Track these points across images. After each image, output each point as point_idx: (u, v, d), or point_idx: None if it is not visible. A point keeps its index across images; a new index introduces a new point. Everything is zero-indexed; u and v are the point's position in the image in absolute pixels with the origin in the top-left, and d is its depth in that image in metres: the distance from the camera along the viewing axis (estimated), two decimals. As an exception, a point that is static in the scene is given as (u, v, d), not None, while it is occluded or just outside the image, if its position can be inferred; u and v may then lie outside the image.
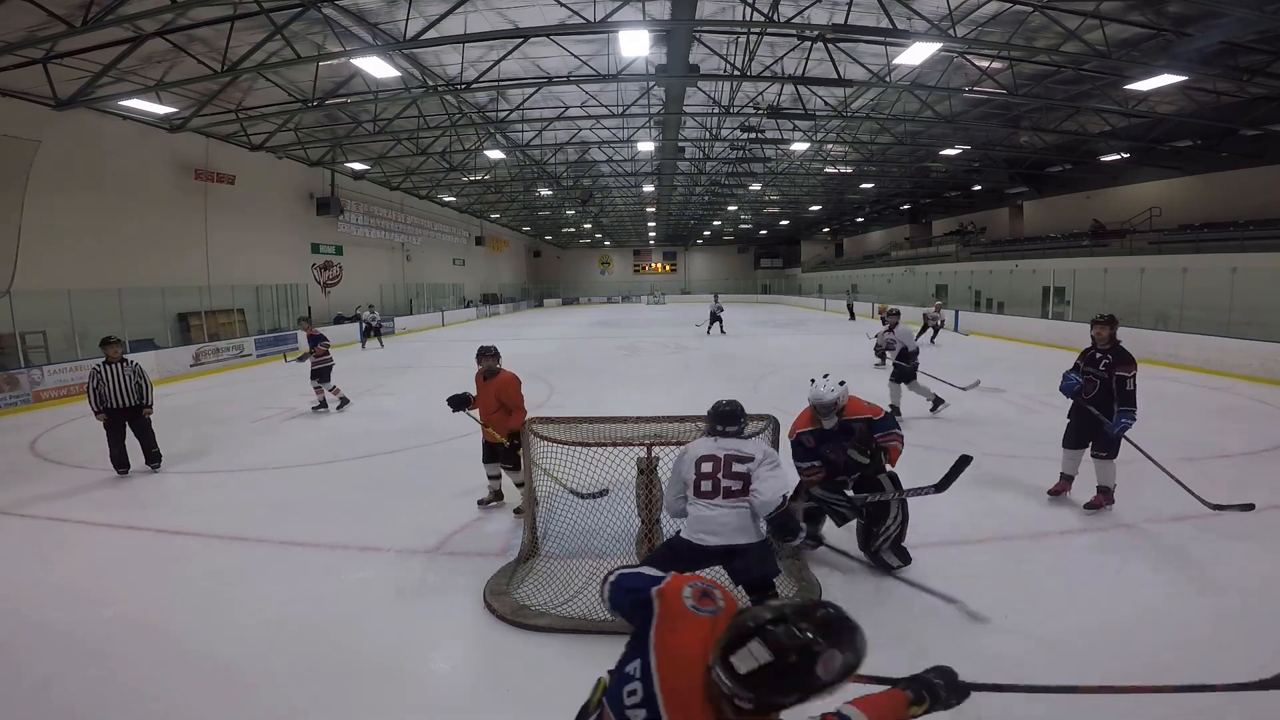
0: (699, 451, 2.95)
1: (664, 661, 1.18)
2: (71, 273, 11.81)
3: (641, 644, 1.21)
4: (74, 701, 2.75)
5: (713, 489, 2.84)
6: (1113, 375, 4.58)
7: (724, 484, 2.84)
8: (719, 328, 20.44)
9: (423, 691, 2.80)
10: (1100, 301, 15.43)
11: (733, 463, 2.87)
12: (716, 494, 2.83)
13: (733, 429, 3.01)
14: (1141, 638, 3.04)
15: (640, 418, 3.65)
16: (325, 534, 4.50)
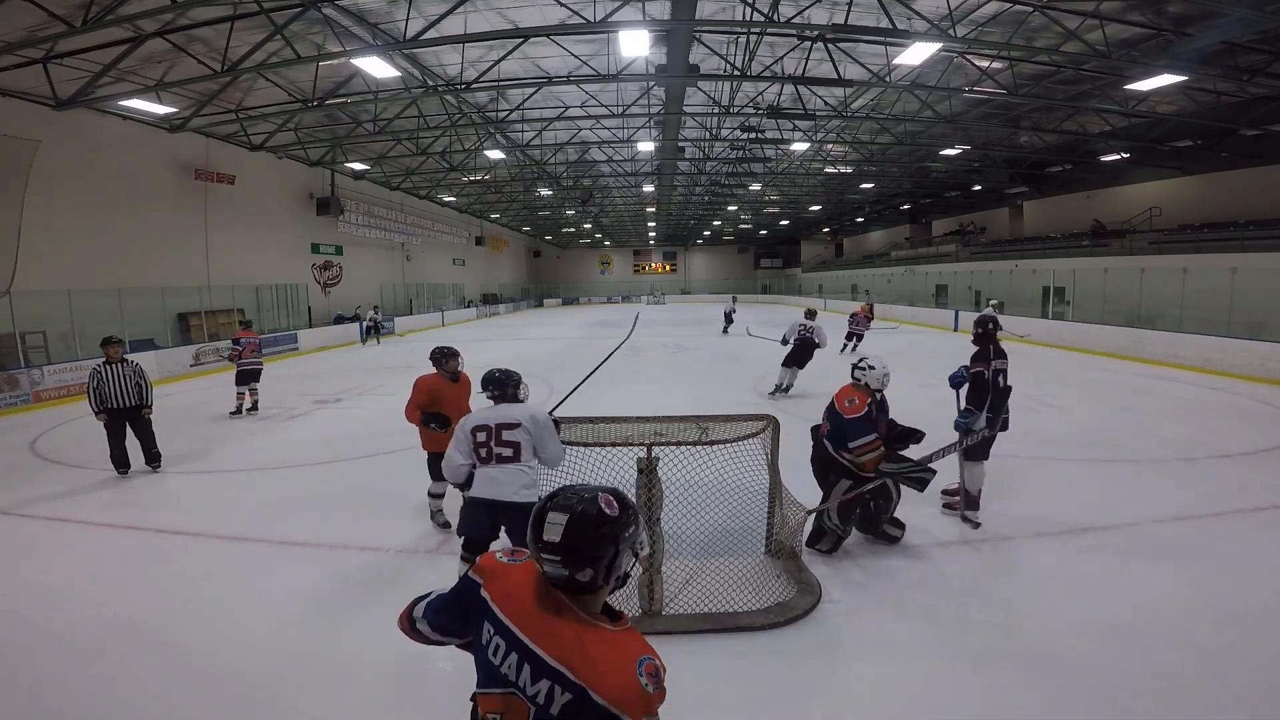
0: (473, 422, 3.21)
1: (504, 600, 1.31)
2: (71, 273, 11.81)
3: (481, 610, 1.33)
4: (73, 702, 2.75)
5: (487, 455, 3.14)
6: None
7: (496, 450, 3.13)
8: (726, 327, 20.73)
9: (423, 691, 2.80)
10: (1100, 301, 15.47)
11: (502, 430, 3.15)
12: (491, 460, 3.13)
13: (496, 393, 3.33)
14: (1141, 638, 3.04)
15: (640, 418, 3.65)
16: (325, 534, 4.50)
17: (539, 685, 1.22)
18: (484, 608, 1.33)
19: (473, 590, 1.38)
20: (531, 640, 1.25)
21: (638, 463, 3.28)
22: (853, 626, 3.21)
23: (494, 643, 1.29)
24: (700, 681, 2.80)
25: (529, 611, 1.28)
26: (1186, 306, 13.00)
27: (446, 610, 1.46)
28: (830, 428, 3.95)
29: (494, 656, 1.28)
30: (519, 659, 1.25)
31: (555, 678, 1.21)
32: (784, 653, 2.98)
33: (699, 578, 3.52)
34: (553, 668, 1.21)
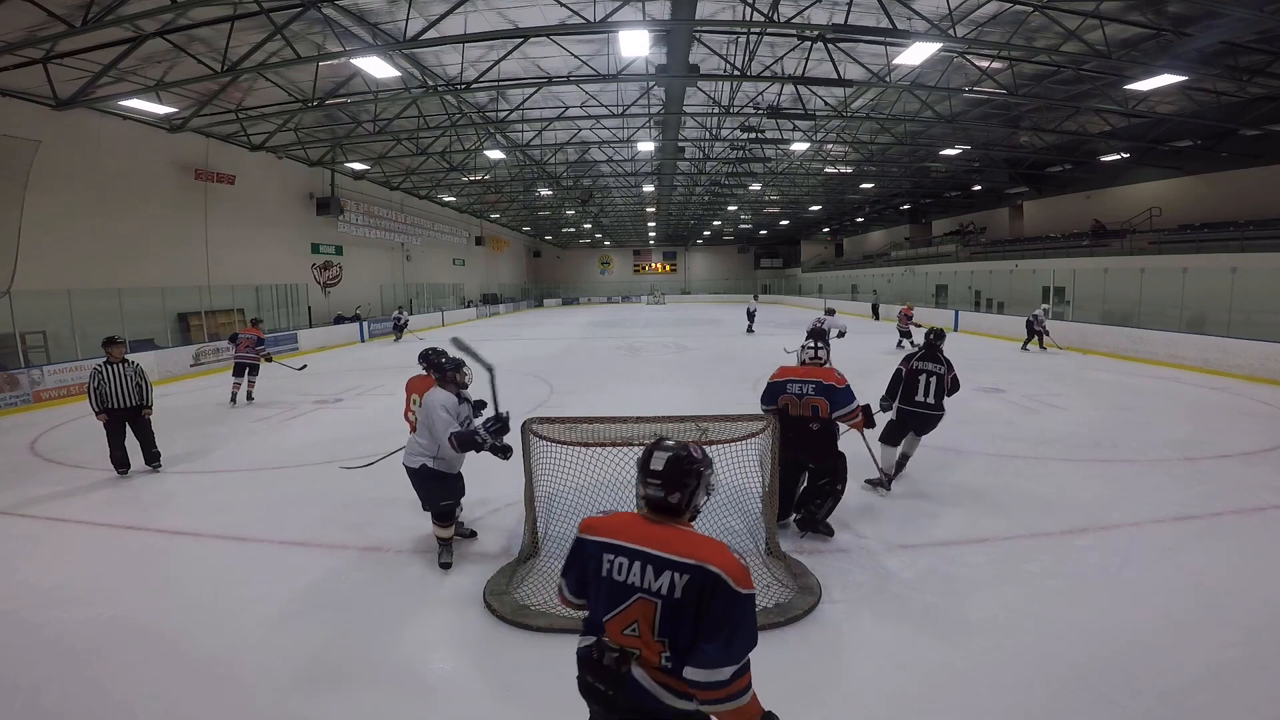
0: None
1: (615, 533, 1.67)
2: (71, 273, 11.81)
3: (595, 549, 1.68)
4: (72, 702, 2.75)
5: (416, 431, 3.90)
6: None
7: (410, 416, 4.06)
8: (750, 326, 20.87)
9: (423, 691, 2.80)
10: (1100, 301, 15.47)
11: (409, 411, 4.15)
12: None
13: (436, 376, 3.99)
14: (1142, 638, 3.04)
15: (640, 418, 3.64)
16: (325, 534, 4.50)
17: (661, 579, 1.55)
18: (597, 545, 1.67)
19: (581, 542, 1.73)
20: (647, 547, 1.59)
21: (638, 463, 3.27)
22: (853, 626, 3.21)
23: (615, 564, 1.62)
24: (700, 682, 2.80)
25: (638, 532, 1.64)
26: (1186, 306, 13.00)
27: (571, 568, 1.79)
28: (830, 403, 4.12)
29: (618, 574, 1.60)
30: (641, 565, 1.58)
31: (673, 566, 1.54)
32: (784, 653, 2.98)
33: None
34: (670, 559, 1.55)
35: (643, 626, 1.57)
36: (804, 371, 4.28)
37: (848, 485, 4.33)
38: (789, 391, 4.21)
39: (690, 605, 1.52)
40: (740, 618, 1.51)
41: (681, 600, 1.52)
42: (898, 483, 5.30)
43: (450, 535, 3.99)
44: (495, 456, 3.75)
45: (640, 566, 1.58)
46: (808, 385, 4.17)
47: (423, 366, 4.25)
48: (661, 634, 1.55)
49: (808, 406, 4.14)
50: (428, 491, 3.90)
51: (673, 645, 1.55)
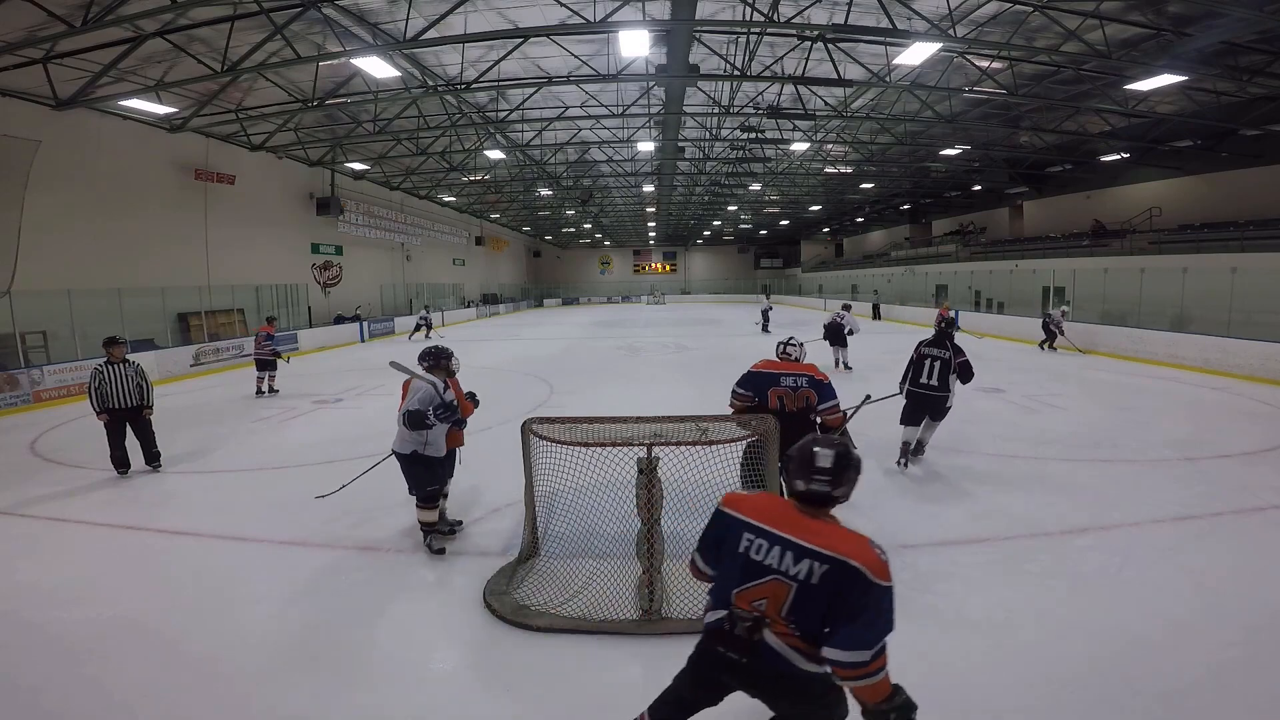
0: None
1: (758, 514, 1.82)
2: (71, 273, 11.81)
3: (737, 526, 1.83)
4: (71, 702, 2.75)
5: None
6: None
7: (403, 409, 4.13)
8: (765, 325, 20.84)
9: (423, 692, 2.80)
10: (1100, 301, 15.47)
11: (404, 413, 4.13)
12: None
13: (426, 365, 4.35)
14: (1142, 638, 3.04)
15: (640, 418, 3.64)
16: (325, 534, 4.50)
17: (800, 566, 1.68)
18: (740, 523, 1.82)
19: (723, 515, 1.89)
20: (792, 535, 1.72)
21: (638, 463, 3.27)
22: (853, 627, 3.20)
23: (755, 544, 1.76)
24: (700, 682, 2.80)
25: (787, 520, 1.76)
26: (1186, 306, 13.00)
27: (707, 540, 1.93)
28: (819, 396, 4.19)
29: (756, 554, 1.75)
30: (781, 550, 1.71)
31: (814, 556, 1.67)
32: (784, 653, 2.98)
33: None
34: (812, 549, 1.68)
35: (771, 605, 1.71)
36: (791, 366, 4.37)
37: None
38: (782, 385, 4.23)
39: (825, 593, 1.66)
40: (879, 606, 1.63)
41: (818, 587, 1.66)
42: (900, 482, 5.29)
43: (435, 520, 4.19)
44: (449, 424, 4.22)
45: (780, 551, 1.72)
46: (800, 379, 4.23)
47: (423, 366, 4.45)
48: (789, 615, 1.70)
49: (802, 399, 4.20)
50: (415, 477, 4.15)
51: (799, 626, 1.69)
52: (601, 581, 3.50)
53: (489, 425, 7.26)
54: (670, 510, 3.53)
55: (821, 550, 1.67)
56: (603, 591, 3.39)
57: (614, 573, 3.53)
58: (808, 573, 1.67)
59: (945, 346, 5.61)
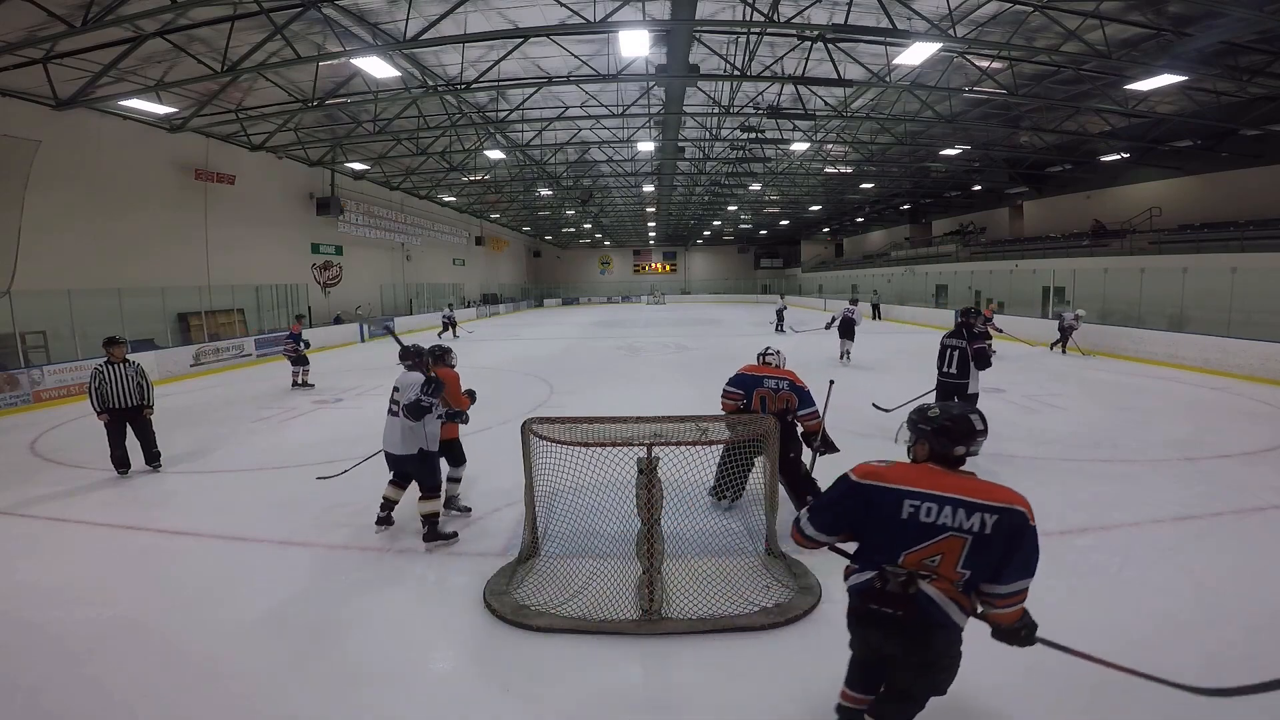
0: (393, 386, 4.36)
1: (913, 481, 1.95)
2: (71, 273, 11.81)
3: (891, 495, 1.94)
4: (71, 703, 2.75)
5: (390, 408, 4.32)
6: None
7: (390, 405, 4.31)
8: (779, 325, 20.93)
9: (423, 692, 2.80)
10: (1100, 301, 15.46)
11: (395, 391, 4.30)
12: (390, 412, 4.30)
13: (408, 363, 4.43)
14: (1141, 638, 3.03)
15: (640, 418, 3.64)
16: (325, 534, 4.50)
17: (973, 519, 1.86)
18: (895, 492, 1.94)
19: (863, 489, 1.99)
20: (958, 494, 1.89)
21: (638, 463, 3.28)
22: (853, 627, 3.21)
23: (923, 508, 1.90)
24: (700, 681, 2.80)
25: (942, 482, 1.93)
26: (1186, 306, 12.99)
27: (832, 509, 2.05)
28: (800, 401, 4.45)
29: (925, 517, 1.89)
30: (952, 509, 1.88)
31: (983, 509, 1.86)
32: (784, 653, 2.98)
33: (699, 578, 3.52)
34: (980, 503, 1.87)
35: (948, 558, 1.89)
36: (774, 370, 4.66)
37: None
38: (765, 386, 4.54)
39: (998, 539, 1.85)
40: (1034, 541, 1.88)
41: (991, 535, 1.85)
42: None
43: (439, 510, 4.39)
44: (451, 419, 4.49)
45: (953, 510, 1.88)
46: (782, 382, 4.53)
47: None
48: (966, 564, 1.88)
49: (783, 400, 4.47)
50: (425, 471, 4.31)
51: (973, 572, 1.89)
52: (601, 581, 3.50)
53: (489, 425, 7.26)
54: (670, 510, 3.53)
55: (989, 503, 1.87)
56: (603, 591, 3.39)
57: (614, 573, 3.53)
58: (980, 524, 1.86)
59: (961, 337, 6.08)
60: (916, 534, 1.90)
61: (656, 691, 2.82)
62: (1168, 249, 16.94)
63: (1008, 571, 1.88)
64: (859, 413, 7.49)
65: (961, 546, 1.87)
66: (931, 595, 1.88)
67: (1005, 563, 1.88)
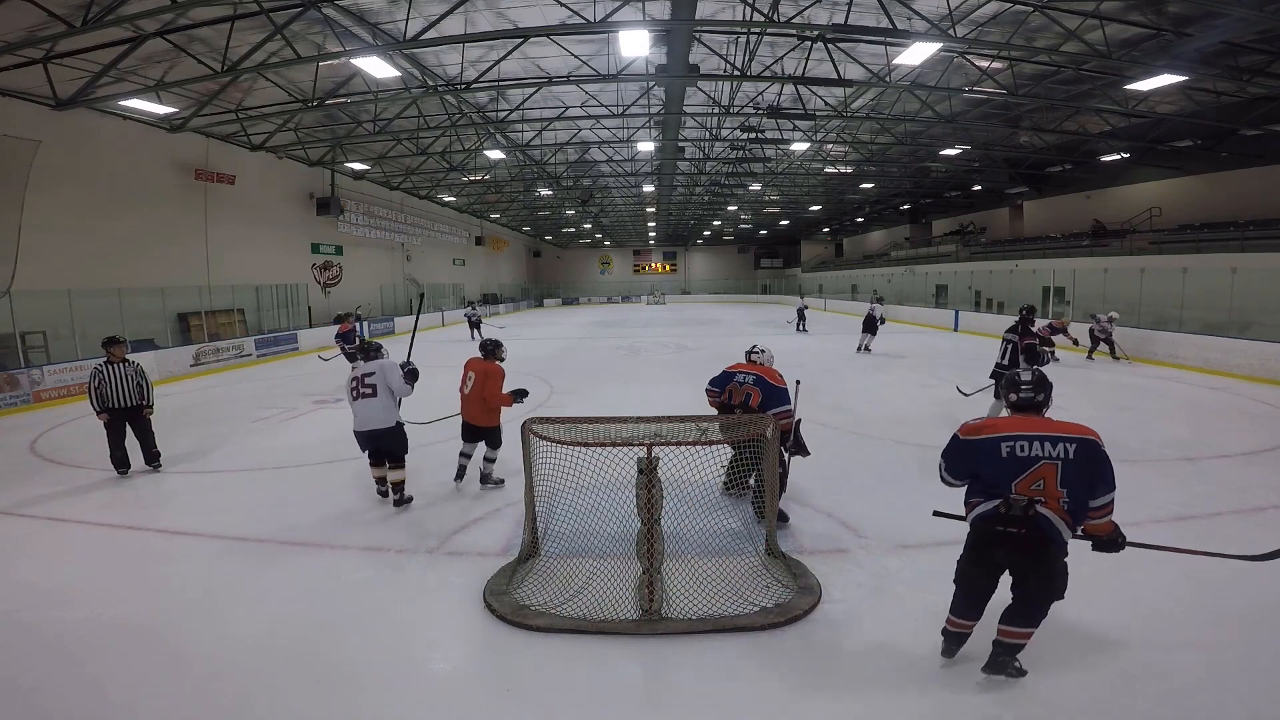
0: (349, 376, 4.96)
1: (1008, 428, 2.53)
2: (71, 273, 11.81)
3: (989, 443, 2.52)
4: (71, 703, 2.75)
5: (356, 394, 4.83)
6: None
7: (361, 390, 4.81)
8: (801, 325, 21.05)
9: (423, 692, 2.80)
10: (1100, 301, 15.45)
11: (365, 378, 4.82)
12: (359, 397, 4.81)
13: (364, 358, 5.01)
14: (1141, 638, 3.04)
15: (640, 418, 3.64)
16: (325, 534, 4.50)
17: (1058, 448, 2.42)
18: (992, 441, 2.51)
19: (968, 444, 2.59)
20: (1042, 431, 2.46)
21: (638, 463, 3.28)
22: (853, 626, 3.21)
23: (1017, 445, 2.46)
24: (700, 681, 2.80)
25: (1027, 425, 2.51)
26: (1186, 306, 12.99)
27: (953, 461, 2.68)
28: (762, 397, 4.51)
29: (1021, 452, 2.44)
30: (1040, 443, 2.44)
31: (1065, 440, 2.43)
32: (784, 653, 2.98)
33: (699, 578, 3.52)
34: (1061, 436, 2.44)
35: (1049, 482, 2.41)
36: (748, 366, 4.85)
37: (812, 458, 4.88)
38: (734, 380, 4.71)
39: (1082, 462, 2.39)
40: (1108, 461, 2.42)
41: (1075, 460, 2.40)
42: (900, 482, 5.29)
43: (405, 477, 5.01)
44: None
45: (1041, 443, 2.43)
46: (748, 376, 4.66)
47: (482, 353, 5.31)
48: (1062, 484, 2.41)
49: (744, 393, 4.58)
50: (401, 442, 4.94)
51: (1069, 491, 2.41)
52: (601, 581, 3.50)
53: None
54: (670, 510, 3.53)
55: (1067, 435, 2.43)
56: (603, 591, 3.39)
57: (614, 573, 3.53)
58: (1065, 451, 2.41)
59: (1016, 331, 6.89)
60: (1019, 466, 2.44)
61: (656, 691, 2.82)
62: (1168, 249, 16.94)
63: (1100, 487, 2.43)
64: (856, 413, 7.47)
65: (1056, 471, 2.40)
66: (1046, 515, 2.41)
67: (1093, 481, 2.41)
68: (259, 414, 8.99)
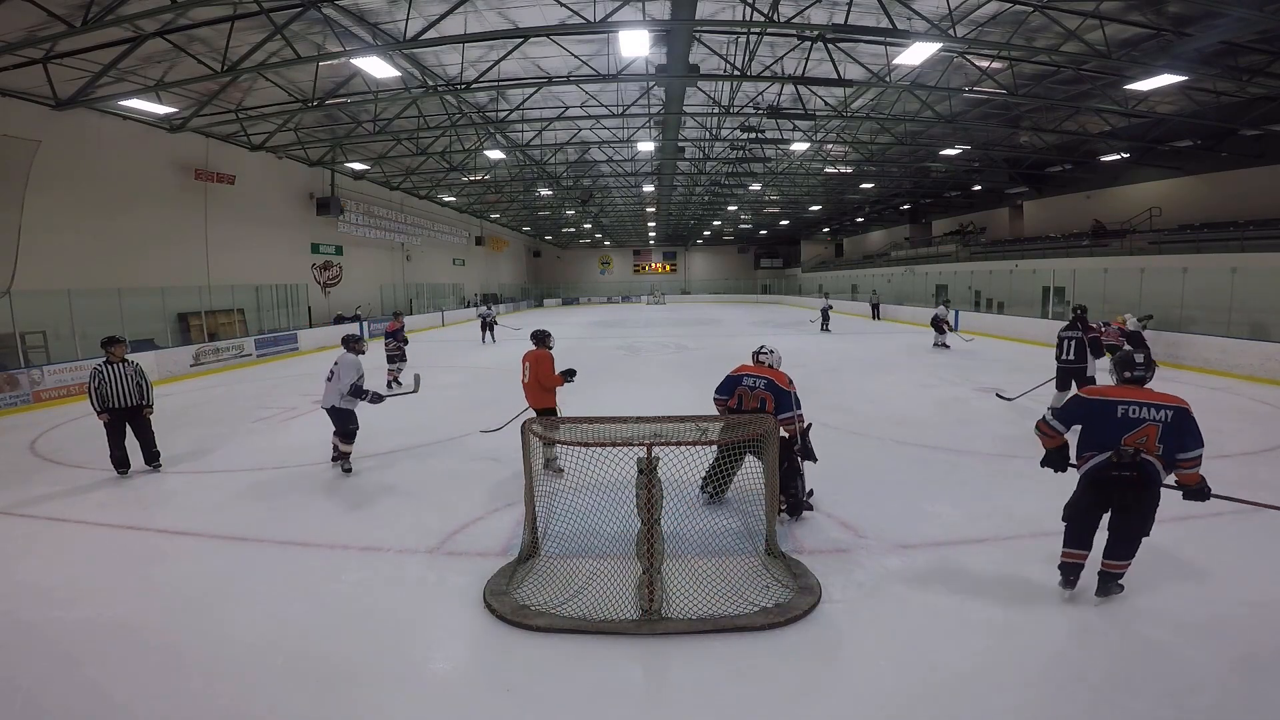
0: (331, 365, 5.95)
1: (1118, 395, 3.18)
2: (71, 273, 11.81)
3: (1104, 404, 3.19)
4: (70, 703, 2.75)
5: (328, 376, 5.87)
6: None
7: (329, 373, 5.85)
8: (825, 324, 20.96)
9: (423, 692, 2.80)
10: (1100, 302, 15.45)
11: (334, 365, 5.86)
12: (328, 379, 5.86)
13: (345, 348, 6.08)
14: (1141, 638, 3.04)
15: (640, 418, 3.64)
16: (325, 534, 4.50)
17: (1160, 413, 3.06)
18: (1109, 403, 3.16)
19: (1089, 402, 3.27)
20: (1149, 400, 3.11)
21: (638, 463, 3.28)
22: (853, 626, 3.21)
23: (1130, 408, 3.11)
24: (700, 681, 2.80)
25: (1136, 394, 3.15)
26: (1186, 306, 12.99)
27: (1069, 413, 3.35)
28: (775, 403, 4.47)
29: (1134, 414, 3.09)
30: (1148, 408, 3.08)
31: (1164, 407, 3.07)
32: (784, 653, 2.98)
33: (699, 578, 3.52)
34: (1162, 405, 3.08)
35: (1150, 439, 3.06)
36: (758, 369, 4.75)
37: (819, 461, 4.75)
38: (744, 384, 4.61)
39: (1176, 424, 3.05)
40: (1197, 426, 3.07)
41: (1171, 423, 3.05)
42: (900, 482, 5.29)
43: (351, 450, 6.00)
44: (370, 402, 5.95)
45: (1147, 408, 3.09)
46: (759, 380, 4.57)
47: (533, 341, 6.12)
48: (1161, 440, 3.05)
49: (757, 399, 4.50)
50: (341, 420, 5.87)
51: (1165, 446, 3.05)
52: (601, 581, 3.50)
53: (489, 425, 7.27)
54: (670, 510, 3.53)
55: (1167, 404, 3.09)
56: (603, 591, 3.39)
57: (614, 573, 3.53)
58: (1165, 416, 3.06)
59: (1077, 329, 7.19)
60: (1129, 425, 3.10)
61: (656, 691, 2.83)
62: (1168, 249, 16.93)
63: (1187, 444, 3.05)
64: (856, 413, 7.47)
65: (1157, 430, 3.06)
66: (1150, 460, 3.06)
67: (1184, 438, 3.04)
68: (259, 414, 8.99)
